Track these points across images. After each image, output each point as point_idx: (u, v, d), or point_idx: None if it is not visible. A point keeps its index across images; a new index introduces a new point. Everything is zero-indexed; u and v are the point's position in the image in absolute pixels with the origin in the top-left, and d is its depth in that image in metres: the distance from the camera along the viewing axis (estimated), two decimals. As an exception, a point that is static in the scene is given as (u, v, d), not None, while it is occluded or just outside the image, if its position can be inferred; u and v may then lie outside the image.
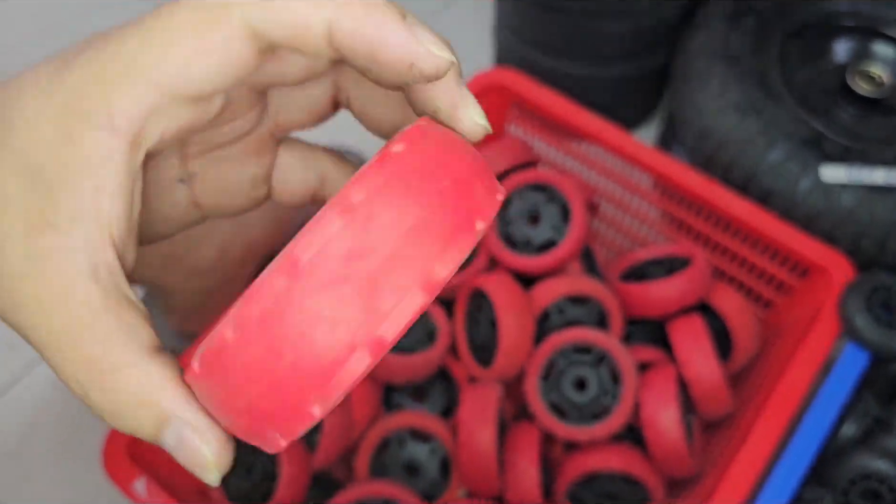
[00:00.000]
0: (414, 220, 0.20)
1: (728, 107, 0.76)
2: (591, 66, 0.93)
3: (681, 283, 0.70)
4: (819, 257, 0.68)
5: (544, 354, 0.68)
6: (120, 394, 0.22)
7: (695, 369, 0.68)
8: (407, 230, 0.20)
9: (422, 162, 0.21)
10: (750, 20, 0.81)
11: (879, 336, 0.63)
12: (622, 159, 0.77)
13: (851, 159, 0.72)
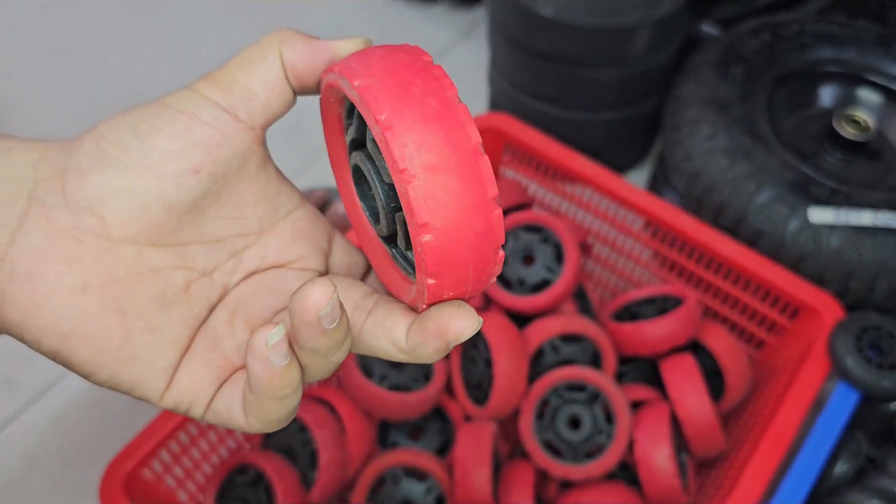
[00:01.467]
0: (449, 147, 0.26)
1: (718, 151, 0.78)
2: (583, 111, 0.95)
3: (673, 322, 0.71)
4: (809, 298, 0.70)
5: (538, 393, 0.69)
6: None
7: (688, 408, 0.68)
8: (456, 160, 0.26)
9: (403, 111, 0.25)
10: (738, 68, 0.84)
11: (870, 376, 0.64)
12: (614, 202, 0.78)
13: (838, 202, 0.73)
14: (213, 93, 0.29)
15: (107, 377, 0.28)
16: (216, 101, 0.29)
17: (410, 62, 0.26)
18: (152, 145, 0.27)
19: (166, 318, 0.29)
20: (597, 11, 0.84)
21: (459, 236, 0.26)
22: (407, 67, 0.26)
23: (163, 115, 0.28)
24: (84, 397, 0.86)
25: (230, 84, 0.29)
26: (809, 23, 0.89)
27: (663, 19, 0.85)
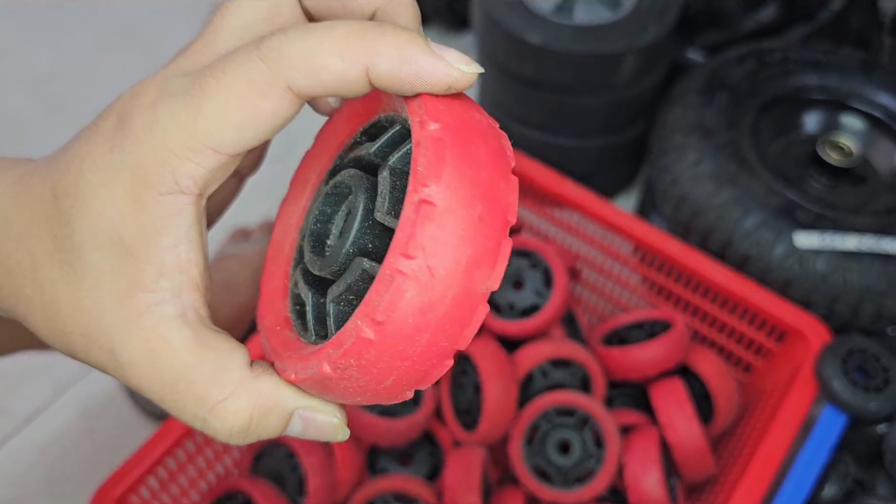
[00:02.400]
0: (467, 259, 0.22)
1: (704, 177, 0.79)
2: (571, 137, 0.96)
3: (661, 347, 0.71)
4: (795, 321, 0.70)
5: (528, 418, 0.69)
6: (241, 415, 0.25)
7: (677, 432, 0.69)
8: (463, 271, 0.22)
9: (456, 194, 0.22)
10: (723, 95, 0.85)
11: (857, 399, 0.65)
12: (603, 226, 0.79)
13: (824, 226, 0.74)
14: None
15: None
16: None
17: (494, 150, 0.24)
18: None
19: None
20: (584, 39, 0.86)
21: (388, 367, 0.23)
22: (488, 152, 0.24)
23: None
24: (72, 424, 0.85)
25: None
26: (794, 50, 0.90)
27: (649, 47, 0.87)
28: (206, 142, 0.24)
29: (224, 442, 0.26)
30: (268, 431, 0.26)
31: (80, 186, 0.25)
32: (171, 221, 0.25)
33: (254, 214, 0.96)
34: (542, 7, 0.91)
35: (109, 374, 0.27)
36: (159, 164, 0.24)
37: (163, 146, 0.24)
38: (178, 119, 0.24)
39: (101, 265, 0.25)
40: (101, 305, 0.25)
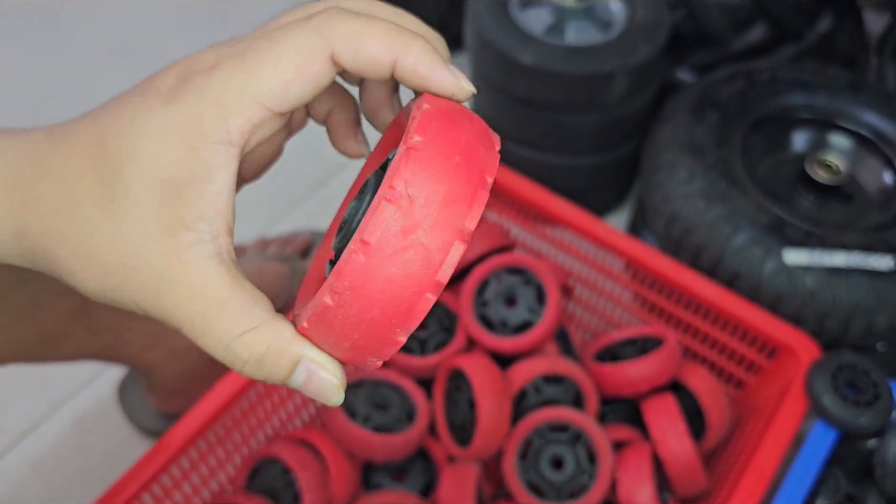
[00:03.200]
0: (444, 193, 0.26)
1: (695, 194, 0.80)
2: (563, 156, 0.97)
3: (653, 363, 0.72)
4: (786, 337, 0.71)
5: (521, 433, 0.70)
6: (259, 346, 0.28)
7: (669, 448, 0.69)
8: (440, 203, 0.26)
9: (438, 145, 0.27)
10: (713, 113, 0.86)
11: (847, 414, 0.65)
12: (595, 244, 0.80)
13: (813, 243, 0.75)
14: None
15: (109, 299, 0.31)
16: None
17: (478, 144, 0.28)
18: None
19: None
20: (575, 59, 0.87)
21: (379, 290, 0.26)
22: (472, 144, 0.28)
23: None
24: (66, 440, 0.85)
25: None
26: (782, 70, 0.92)
27: (640, 66, 0.88)
28: (257, 97, 0.28)
29: (237, 370, 0.29)
30: (276, 372, 0.28)
31: (134, 133, 0.28)
32: (217, 170, 0.28)
33: (247, 231, 0.97)
34: (534, 28, 0.92)
35: (137, 307, 0.29)
36: (215, 117, 0.28)
37: (220, 101, 0.28)
38: (235, 77, 0.28)
39: (149, 202, 0.28)
40: (145, 238, 0.28)
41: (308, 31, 0.28)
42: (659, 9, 0.93)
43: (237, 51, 0.29)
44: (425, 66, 0.29)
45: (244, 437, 0.72)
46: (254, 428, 0.73)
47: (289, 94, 0.28)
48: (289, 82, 0.28)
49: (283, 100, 0.28)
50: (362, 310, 0.26)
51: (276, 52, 0.28)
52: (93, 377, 0.89)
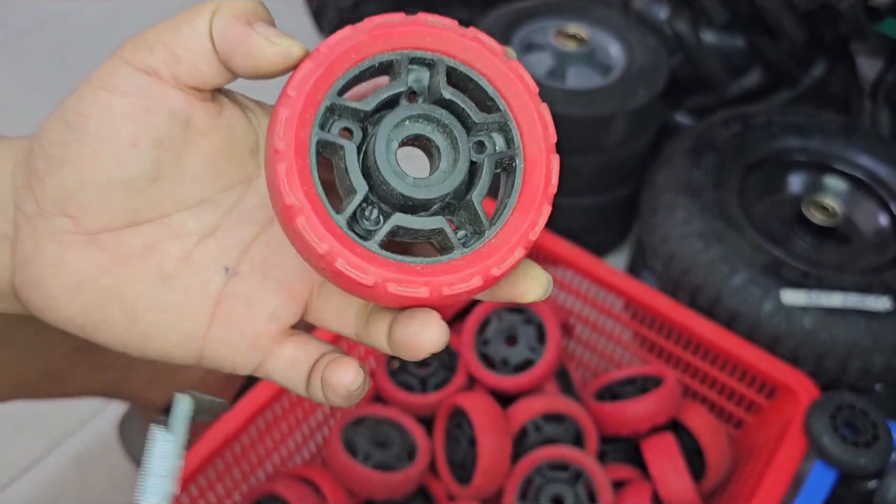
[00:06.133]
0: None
1: (693, 235, 0.81)
2: (564, 197, 0.98)
3: (653, 402, 0.72)
4: (784, 377, 0.71)
5: (522, 472, 0.70)
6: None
7: (669, 487, 0.69)
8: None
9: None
10: (710, 156, 0.88)
11: (847, 454, 0.65)
12: (595, 283, 0.81)
13: (809, 284, 0.76)
14: (134, 55, 0.27)
15: (138, 353, 0.30)
16: (135, 66, 0.27)
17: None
18: (84, 132, 0.27)
19: (169, 291, 0.29)
20: (576, 102, 0.89)
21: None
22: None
23: (86, 97, 0.27)
24: (66, 476, 0.85)
25: (153, 45, 0.27)
26: (777, 113, 0.93)
27: (638, 110, 0.90)
28: None
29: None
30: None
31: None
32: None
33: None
34: (535, 71, 0.94)
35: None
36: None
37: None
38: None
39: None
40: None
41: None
42: (657, 54, 0.95)
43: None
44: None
45: (245, 473, 0.72)
46: (255, 465, 0.73)
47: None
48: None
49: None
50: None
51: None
52: (94, 413, 0.89)
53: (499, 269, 0.27)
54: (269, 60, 0.27)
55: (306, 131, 0.27)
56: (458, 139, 0.27)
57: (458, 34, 0.28)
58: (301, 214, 0.26)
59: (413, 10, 0.29)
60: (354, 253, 0.26)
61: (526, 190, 0.27)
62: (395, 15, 0.28)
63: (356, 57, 0.28)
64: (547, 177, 0.27)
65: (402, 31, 0.28)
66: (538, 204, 0.27)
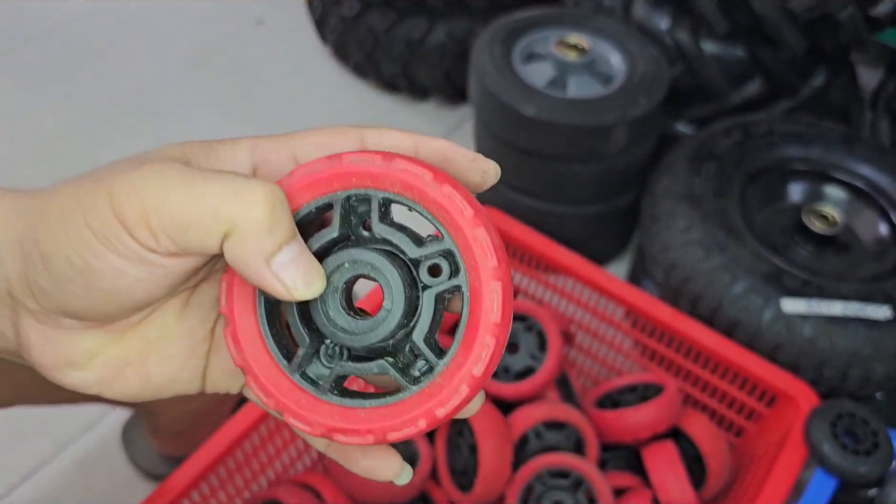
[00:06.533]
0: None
1: (693, 244, 0.81)
2: (565, 205, 0.99)
3: (654, 410, 0.72)
4: (785, 385, 0.72)
5: (523, 479, 0.70)
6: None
7: (669, 495, 0.69)
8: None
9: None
10: (711, 165, 0.88)
11: (847, 462, 0.66)
12: (596, 292, 0.81)
13: (810, 293, 0.76)
14: (137, 231, 0.25)
15: (151, 399, 0.31)
16: (140, 243, 0.25)
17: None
18: (97, 287, 0.26)
19: (174, 343, 0.30)
20: (576, 111, 0.89)
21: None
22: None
23: (96, 251, 0.25)
24: (68, 481, 0.85)
25: (157, 234, 0.25)
26: (778, 123, 0.94)
27: (639, 119, 0.90)
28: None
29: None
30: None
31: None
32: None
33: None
34: (536, 81, 0.95)
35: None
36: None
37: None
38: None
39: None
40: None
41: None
42: (658, 63, 0.96)
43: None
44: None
45: (246, 480, 0.73)
46: (256, 472, 0.73)
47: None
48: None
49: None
50: None
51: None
52: (96, 419, 0.90)
53: (443, 410, 0.27)
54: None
55: (251, 291, 0.28)
56: (389, 279, 0.27)
57: (382, 168, 0.27)
58: (248, 374, 0.28)
59: (414, 23, 0.29)
60: (300, 406, 0.28)
61: (471, 321, 0.27)
62: (317, 162, 0.28)
63: (290, 207, 0.28)
64: (489, 306, 0.26)
65: (327, 177, 0.28)
66: (481, 336, 0.26)
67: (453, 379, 0.26)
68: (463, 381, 0.26)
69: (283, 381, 0.28)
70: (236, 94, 1.37)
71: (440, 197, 0.27)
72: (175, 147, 0.29)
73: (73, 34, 1.47)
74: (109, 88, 1.37)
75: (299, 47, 1.45)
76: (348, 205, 0.28)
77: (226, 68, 1.42)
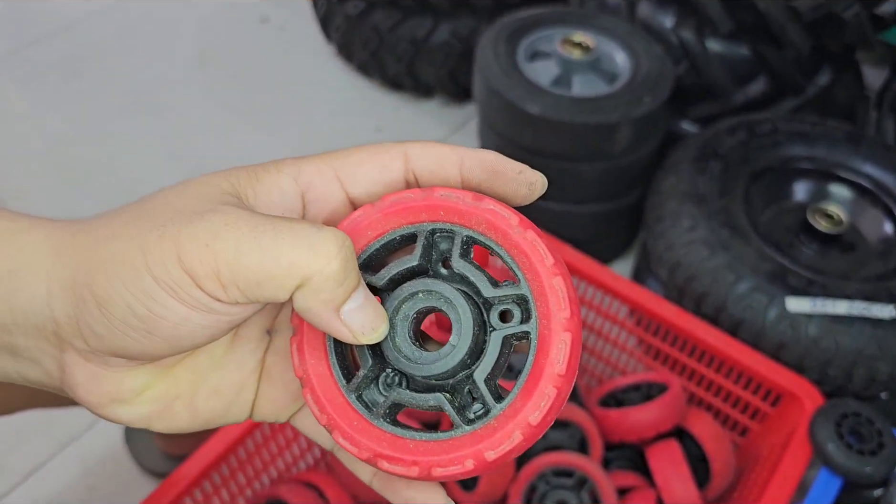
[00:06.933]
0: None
1: (698, 242, 0.81)
2: (569, 204, 0.99)
3: (658, 409, 0.72)
4: (789, 385, 0.71)
5: (526, 478, 0.70)
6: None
7: (673, 495, 0.69)
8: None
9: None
10: (716, 164, 0.88)
11: (852, 462, 0.65)
12: (600, 290, 0.81)
13: (814, 292, 0.76)
14: (206, 283, 0.25)
15: (200, 430, 0.30)
16: (207, 293, 0.25)
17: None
18: (157, 333, 0.26)
19: (224, 374, 0.30)
20: (581, 110, 0.89)
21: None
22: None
23: (159, 300, 0.25)
24: (71, 481, 0.85)
25: (227, 286, 0.25)
26: (783, 122, 0.94)
27: (644, 117, 0.90)
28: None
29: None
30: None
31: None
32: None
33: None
34: (541, 79, 0.95)
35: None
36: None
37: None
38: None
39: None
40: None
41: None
42: (663, 62, 0.96)
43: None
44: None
45: (249, 478, 0.72)
46: (259, 470, 0.73)
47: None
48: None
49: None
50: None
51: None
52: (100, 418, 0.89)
53: (493, 454, 0.26)
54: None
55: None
56: (460, 315, 0.27)
57: (470, 207, 0.28)
58: (306, 387, 0.28)
59: (419, 21, 0.29)
60: (351, 427, 0.27)
61: (535, 370, 0.26)
62: (411, 191, 0.28)
63: (373, 233, 0.28)
64: (555, 357, 0.26)
65: (417, 207, 0.28)
66: (543, 386, 0.26)
67: (508, 424, 0.26)
68: (518, 428, 0.26)
69: (339, 399, 0.28)
70: (241, 92, 1.37)
71: (523, 241, 0.27)
72: (222, 178, 0.28)
73: (79, 34, 1.47)
74: (115, 88, 1.37)
75: (304, 46, 1.45)
76: (432, 238, 0.28)
77: (231, 67, 1.42)
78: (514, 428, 0.26)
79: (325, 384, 0.28)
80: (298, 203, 0.29)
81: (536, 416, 0.26)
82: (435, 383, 0.28)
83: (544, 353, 0.26)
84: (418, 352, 0.27)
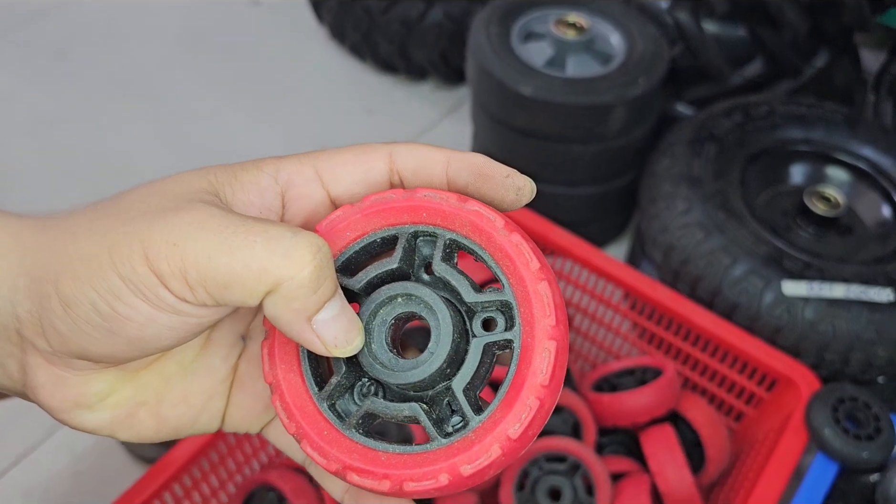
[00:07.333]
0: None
1: (693, 225, 0.80)
2: (562, 186, 0.97)
3: (652, 393, 0.71)
4: (785, 369, 0.70)
5: (519, 464, 0.69)
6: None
7: (668, 480, 0.68)
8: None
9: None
10: (711, 146, 0.87)
11: (848, 447, 0.65)
12: (594, 273, 0.80)
13: (811, 275, 0.75)
14: (172, 283, 0.24)
15: (167, 440, 0.29)
16: (175, 295, 0.24)
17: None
18: (123, 335, 0.25)
19: (193, 381, 0.29)
20: (575, 91, 0.88)
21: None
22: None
23: (125, 299, 0.24)
24: (59, 467, 0.84)
25: (194, 286, 0.24)
26: (779, 104, 0.92)
27: (638, 99, 0.89)
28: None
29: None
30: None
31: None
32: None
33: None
34: (534, 60, 0.93)
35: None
36: None
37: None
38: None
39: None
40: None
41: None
42: (658, 43, 0.94)
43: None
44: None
45: (239, 464, 0.72)
46: (248, 455, 0.72)
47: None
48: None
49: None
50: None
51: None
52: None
53: (470, 468, 0.24)
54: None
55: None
56: (440, 321, 0.26)
57: (454, 208, 0.26)
58: (275, 393, 0.26)
59: (411, 3, 0.28)
60: (321, 436, 0.26)
61: (517, 380, 0.25)
62: (393, 191, 0.27)
63: (352, 235, 0.27)
64: (538, 366, 0.24)
65: (399, 207, 0.27)
66: (525, 397, 0.24)
67: (486, 437, 0.24)
68: (497, 441, 0.24)
69: (309, 407, 0.26)
70: (233, 75, 1.35)
71: (507, 244, 0.26)
72: (199, 176, 0.27)
73: (67, 17, 1.45)
74: (104, 70, 1.35)
75: (295, 28, 1.43)
76: (414, 242, 0.27)
77: (222, 49, 1.41)
78: (493, 441, 0.24)
79: (296, 391, 0.26)
80: (278, 202, 0.28)
81: (517, 430, 0.24)
82: (412, 394, 0.26)
83: (527, 363, 0.25)
84: (395, 359, 0.26)
